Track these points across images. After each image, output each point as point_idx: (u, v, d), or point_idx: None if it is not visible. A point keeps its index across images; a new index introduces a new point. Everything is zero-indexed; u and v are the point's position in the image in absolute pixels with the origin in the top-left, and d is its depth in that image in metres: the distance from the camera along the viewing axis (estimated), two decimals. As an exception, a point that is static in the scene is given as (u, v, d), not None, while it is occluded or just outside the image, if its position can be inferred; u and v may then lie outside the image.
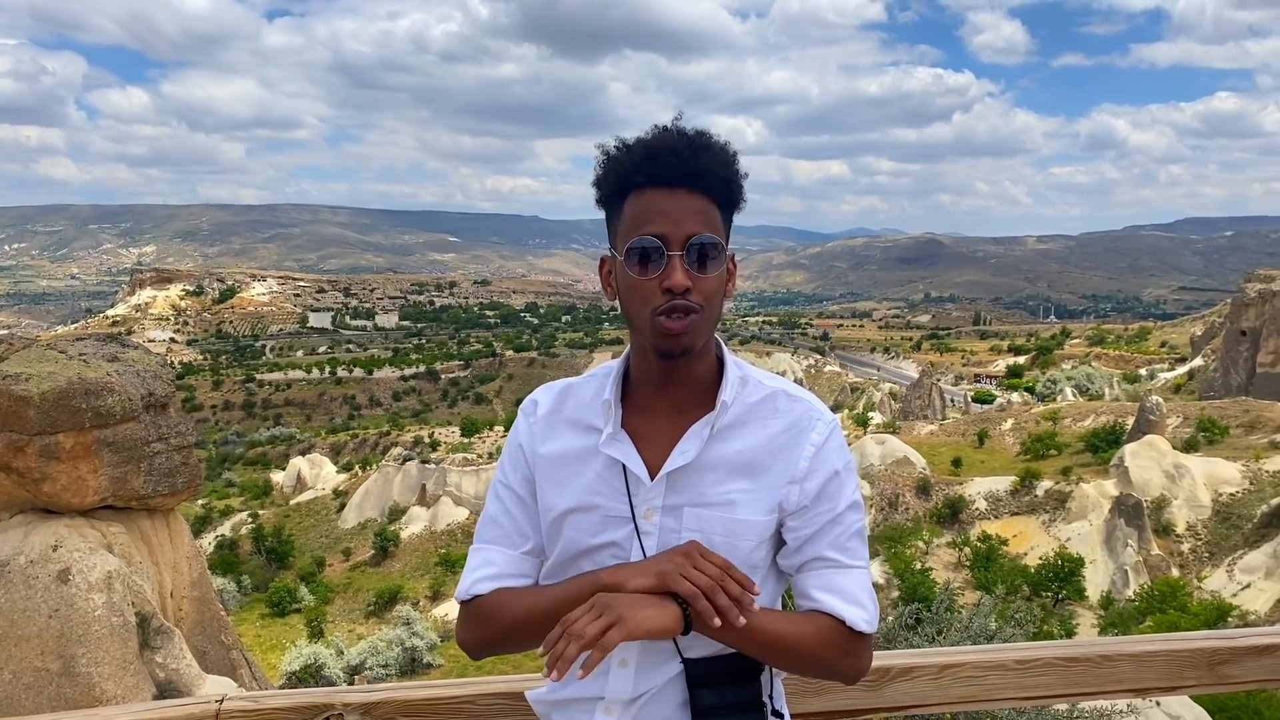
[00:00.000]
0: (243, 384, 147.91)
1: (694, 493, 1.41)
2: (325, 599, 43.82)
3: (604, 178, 1.42)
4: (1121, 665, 1.76)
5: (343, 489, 68.64)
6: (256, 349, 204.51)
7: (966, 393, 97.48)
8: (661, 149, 1.37)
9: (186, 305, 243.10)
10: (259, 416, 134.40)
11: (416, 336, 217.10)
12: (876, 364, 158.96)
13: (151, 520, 18.68)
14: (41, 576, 16.02)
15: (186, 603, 19.41)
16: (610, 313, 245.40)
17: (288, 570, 51.94)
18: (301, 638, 33.06)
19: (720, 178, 1.39)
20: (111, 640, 16.12)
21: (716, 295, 1.39)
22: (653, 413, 1.46)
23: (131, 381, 18.40)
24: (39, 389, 16.70)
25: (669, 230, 1.36)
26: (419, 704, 1.70)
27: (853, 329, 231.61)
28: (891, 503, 46.33)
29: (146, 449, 18.16)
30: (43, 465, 16.66)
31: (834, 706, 1.71)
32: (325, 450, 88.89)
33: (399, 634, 28.95)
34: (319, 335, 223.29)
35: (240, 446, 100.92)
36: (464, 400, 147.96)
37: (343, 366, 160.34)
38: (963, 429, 60.54)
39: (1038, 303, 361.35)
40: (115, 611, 16.34)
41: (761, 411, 1.44)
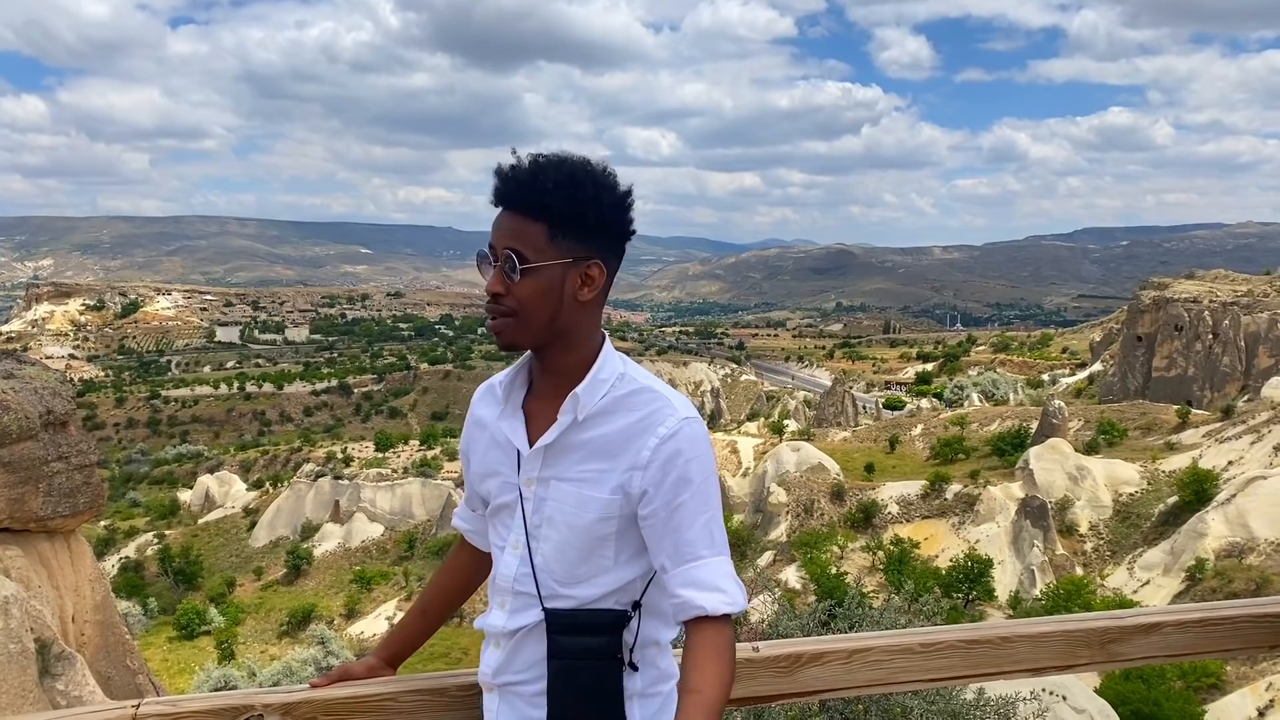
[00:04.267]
0: (147, 400, 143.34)
1: (559, 468, 1.66)
2: (236, 620, 42.67)
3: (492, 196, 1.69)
4: (1020, 646, 1.85)
5: (253, 507, 66.96)
6: (161, 364, 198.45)
7: (878, 399, 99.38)
8: (498, 174, 1.64)
9: (87, 320, 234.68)
10: (165, 434, 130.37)
11: (328, 350, 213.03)
12: (791, 372, 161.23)
13: (51, 543, 17.99)
14: (-68, 604, 15.31)
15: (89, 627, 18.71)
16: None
17: (196, 591, 50.46)
18: (211, 660, 32.17)
19: (534, 202, 1.60)
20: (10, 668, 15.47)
21: (532, 301, 1.61)
22: (541, 397, 1.72)
23: (28, 399, 17.71)
24: (-72, 408, 15.98)
25: (494, 243, 1.64)
26: (340, 703, 1.72)
27: (768, 338, 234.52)
28: (807, 508, 46.96)
29: (45, 469, 17.49)
30: (-67, 488, 15.94)
31: (749, 692, 1.77)
32: (234, 468, 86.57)
33: (313, 653, 28.31)
34: (227, 350, 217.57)
35: (145, 465, 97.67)
36: (378, 414, 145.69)
37: (252, 381, 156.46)
38: (875, 435, 61.70)
39: (944, 311, 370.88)
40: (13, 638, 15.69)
41: (626, 404, 1.64)
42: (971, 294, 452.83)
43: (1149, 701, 19.82)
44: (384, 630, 41.06)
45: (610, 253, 1.67)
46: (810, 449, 52.02)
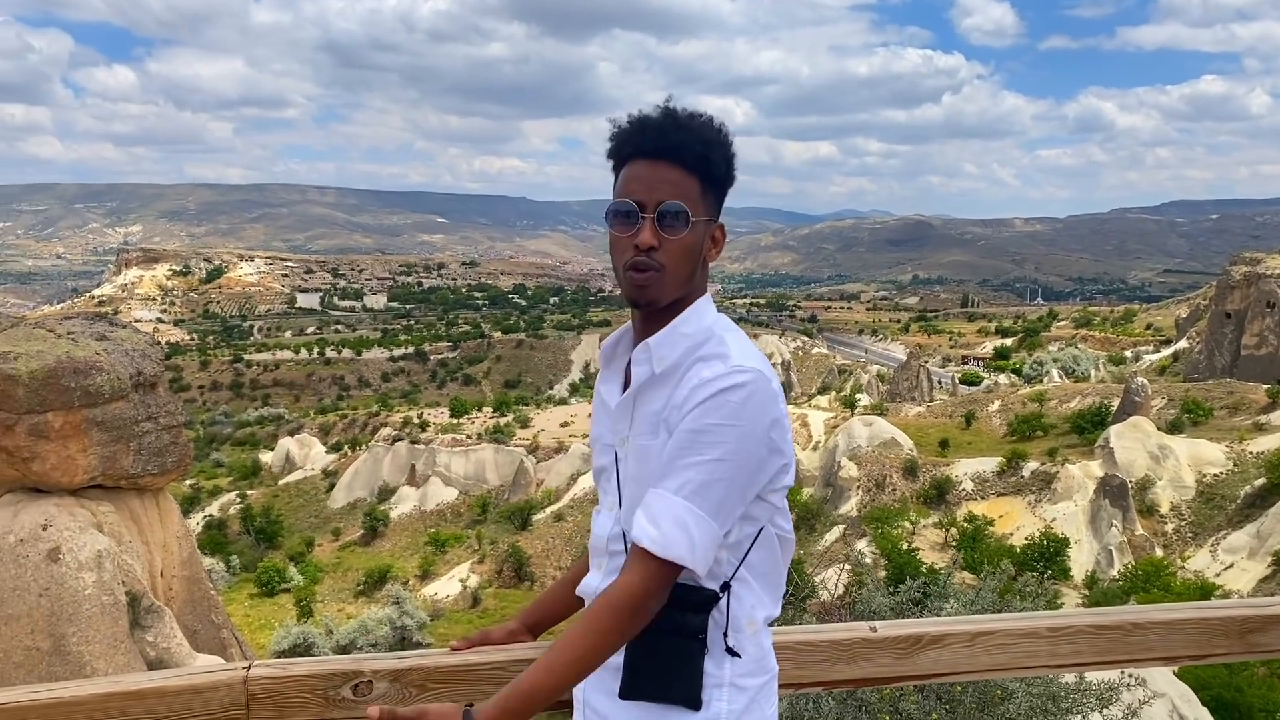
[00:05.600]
0: (230, 364, 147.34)
1: (636, 425, 1.61)
2: (314, 579, 43.80)
3: (609, 149, 1.64)
4: (1153, 633, 1.74)
5: (332, 469, 68.58)
6: (244, 329, 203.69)
7: (954, 374, 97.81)
8: (649, 125, 1.58)
9: (173, 285, 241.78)
10: (247, 397, 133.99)
11: (405, 317, 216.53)
12: (864, 346, 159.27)
13: (141, 500, 18.60)
14: (31, 555, 15.94)
15: (176, 582, 19.34)
16: (598, 295, 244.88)
17: (276, 550, 51.92)
18: (290, 617, 33.04)
19: (696, 153, 1.57)
20: (102, 619, 16.07)
21: (681, 257, 1.58)
22: None
23: (120, 360, 18.28)
24: (27, 368, 16.57)
25: (643, 196, 1.56)
26: (449, 671, 1.69)
27: (840, 311, 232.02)
28: (878, 484, 46.49)
29: (135, 428, 18.06)
30: (32, 444, 16.54)
31: (866, 673, 1.69)
32: (314, 431, 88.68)
33: (389, 613, 28.97)
34: (307, 316, 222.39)
35: (228, 427, 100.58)
36: (452, 381, 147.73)
37: (331, 347, 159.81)
38: (950, 410, 60.76)
39: (1025, 285, 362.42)
40: (105, 590, 16.28)
41: (697, 356, 1.58)
42: (1053, 267, 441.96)
43: (1230, 687, 19.26)
44: (457, 592, 41.81)
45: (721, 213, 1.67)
46: (883, 423, 51.44)
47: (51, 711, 1.48)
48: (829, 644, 1.70)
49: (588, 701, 1.65)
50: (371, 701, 1.63)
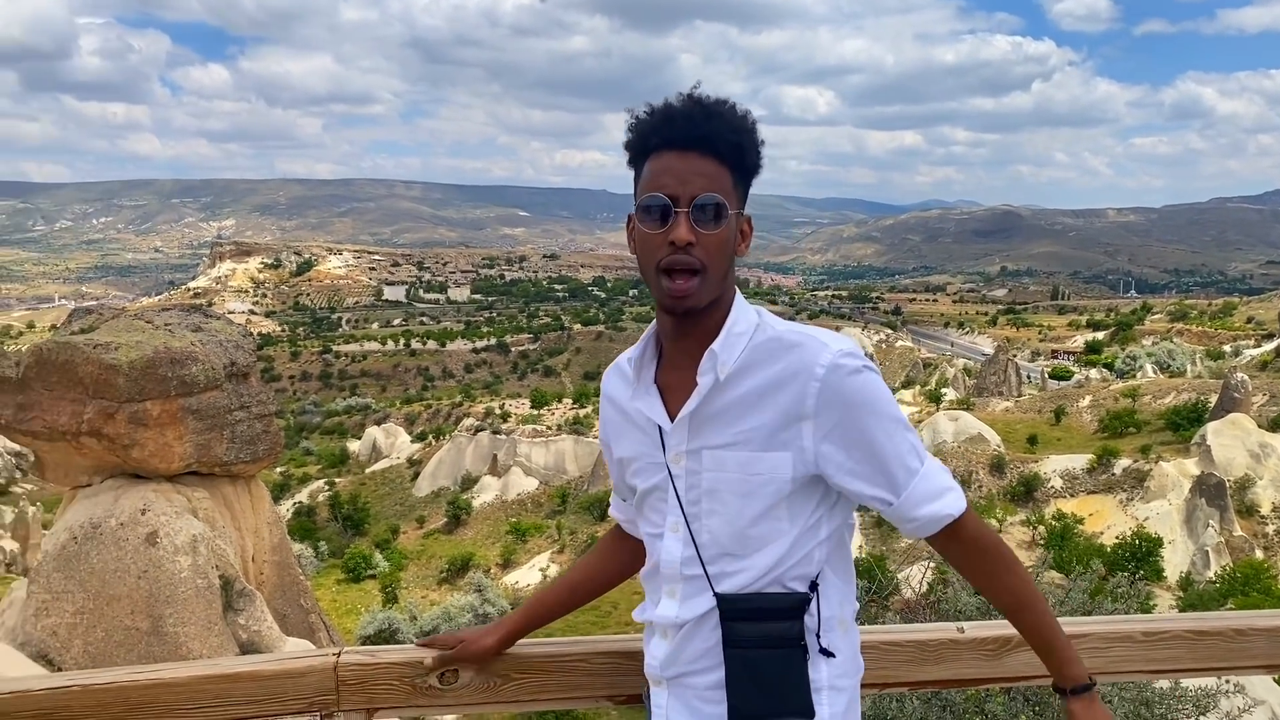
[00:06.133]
0: (320, 355, 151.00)
1: (710, 436, 1.53)
2: (399, 565, 44.66)
3: (629, 140, 1.56)
4: (1255, 640, 1.67)
5: (417, 458, 69.79)
6: (333, 321, 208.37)
7: (1043, 369, 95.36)
8: (676, 114, 1.50)
9: (265, 278, 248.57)
10: (335, 387, 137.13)
11: (487, 310, 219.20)
12: (950, 339, 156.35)
13: (234, 486, 19.16)
14: (131, 539, 16.55)
15: (267, 567, 19.89)
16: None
17: (363, 537, 53.06)
18: (376, 603, 33.75)
19: (730, 142, 1.50)
20: (197, 601, 16.61)
21: (719, 253, 1.50)
22: (676, 365, 1.59)
23: (214, 351, 18.84)
24: (127, 358, 17.19)
25: (677, 189, 1.48)
26: (535, 660, 1.70)
27: (926, 303, 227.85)
28: (964, 480, 45.63)
29: (229, 417, 18.61)
30: (131, 431, 17.16)
31: (952, 674, 1.67)
32: (400, 420, 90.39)
33: (471, 600, 29.38)
34: (393, 308, 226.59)
35: (317, 416, 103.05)
36: (533, 373, 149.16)
37: (416, 339, 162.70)
38: (1039, 406, 59.31)
39: (1118, 277, 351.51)
40: (200, 574, 16.82)
41: (768, 352, 1.52)
42: (1148, 259, 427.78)
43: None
44: (537, 581, 42.26)
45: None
46: (969, 418, 50.46)
47: (152, 692, 1.53)
48: (914, 644, 1.67)
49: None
50: (456, 690, 1.66)
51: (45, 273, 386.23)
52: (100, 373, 16.86)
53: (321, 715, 1.59)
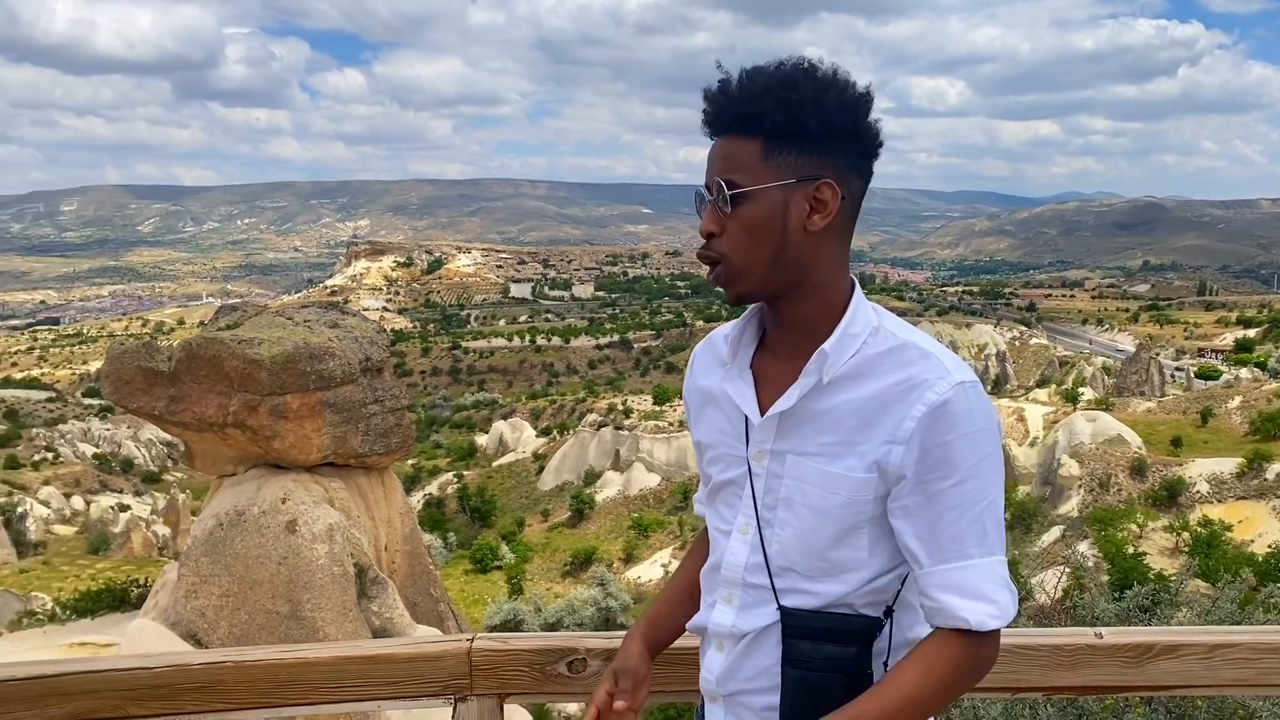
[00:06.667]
0: (449, 351, 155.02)
1: (798, 440, 1.40)
2: (524, 557, 45.53)
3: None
4: None
5: (542, 452, 71.01)
6: (461, 318, 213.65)
7: (1189, 368, 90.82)
8: (705, 98, 1.41)
9: (397, 276, 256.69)
10: (464, 382, 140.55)
11: (611, 306, 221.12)
12: (1088, 336, 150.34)
13: (368, 477, 19.85)
14: (272, 526, 17.31)
15: (399, 556, 20.54)
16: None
17: (490, 529, 54.30)
18: (502, 594, 34.51)
19: (741, 114, 1.36)
20: (333, 588, 17.26)
21: (750, 235, 1.37)
22: (775, 354, 1.47)
23: (351, 347, 19.54)
24: (269, 353, 17.98)
25: (707, 179, 1.41)
26: (664, 654, 1.72)
27: (1062, 299, 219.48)
28: (1102, 483, 43.92)
29: (364, 410, 19.27)
30: (273, 424, 17.94)
31: (1089, 681, 1.61)
32: (525, 415, 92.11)
33: (594, 594, 29.71)
34: (520, 305, 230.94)
35: (447, 410, 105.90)
36: (655, 369, 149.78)
37: (542, 335, 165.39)
38: (1184, 407, 56.53)
39: (1272, 271, 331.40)
40: (336, 561, 17.48)
41: (884, 363, 1.37)
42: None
43: None
44: (659, 576, 42.47)
45: (847, 169, 1.38)
46: (1108, 419, 48.49)
47: (298, 670, 1.62)
48: (1050, 648, 1.61)
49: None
50: (585, 679, 1.69)
51: (194, 271, 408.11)
52: (244, 367, 17.70)
53: (455, 699, 1.65)
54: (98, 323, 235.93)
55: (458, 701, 1.65)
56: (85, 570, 42.21)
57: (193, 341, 19.66)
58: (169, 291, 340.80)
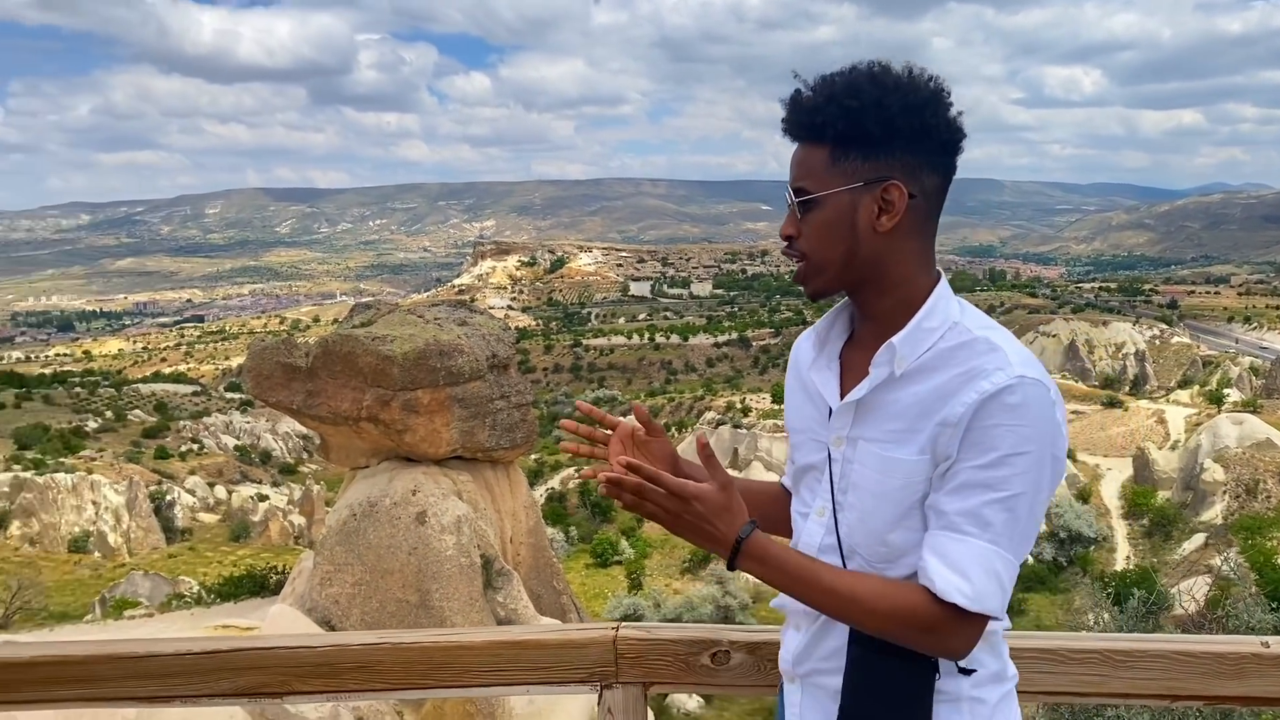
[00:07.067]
0: (570, 348, 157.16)
1: (867, 427, 1.47)
2: (644, 553, 45.83)
3: None
4: None
5: (661, 450, 71.26)
6: (583, 316, 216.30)
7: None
8: (783, 106, 1.51)
9: (521, 275, 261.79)
10: (585, 379, 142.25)
11: (729, 304, 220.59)
12: (1234, 335, 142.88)
13: (494, 471, 20.30)
14: (403, 517, 17.88)
15: (524, 549, 20.94)
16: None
17: (610, 524, 54.79)
18: (622, 588, 34.80)
19: (807, 123, 1.46)
20: (460, 578, 17.72)
21: (821, 238, 1.47)
22: (861, 345, 1.54)
23: (478, 344, 20.02)
24: (401, 349, 18.58)
25: (791, 184, 1.51)
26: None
27: (1206, 296, 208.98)
28: (1249, 489, 41.63)
29: (491, 405, 19.73)
30: (404, 418, 18.54)
31: (1257, 692, 1.54)
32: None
33: (712, 591, 29.71)
34: (639, 303, 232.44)
35: (568, 406, 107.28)
36: (774, 368, 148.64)
37: (660, 333, 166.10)
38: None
39: None
40: (464, 552, 17.93)
41: (955, 356, 1.42)
42: None
43: None
44: (779, 577, 42.14)
45: (919, 168, 1.44)
46: (1257, 422, 45.95)
47: (452, 653, 1.68)
48: (1211, 656, 1.55)
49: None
50: (729, 671, 1.71)
51: (329, 271, 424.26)
52: (378, 363, 18.33)
53: (600, 685, 1.69)
54: (239, 320, 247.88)
55: (603, 689, 1.69)
56: (227, 556, 44.39)
57: (329, 338, 20.41)
58: (305, 290, 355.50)
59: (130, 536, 48.43)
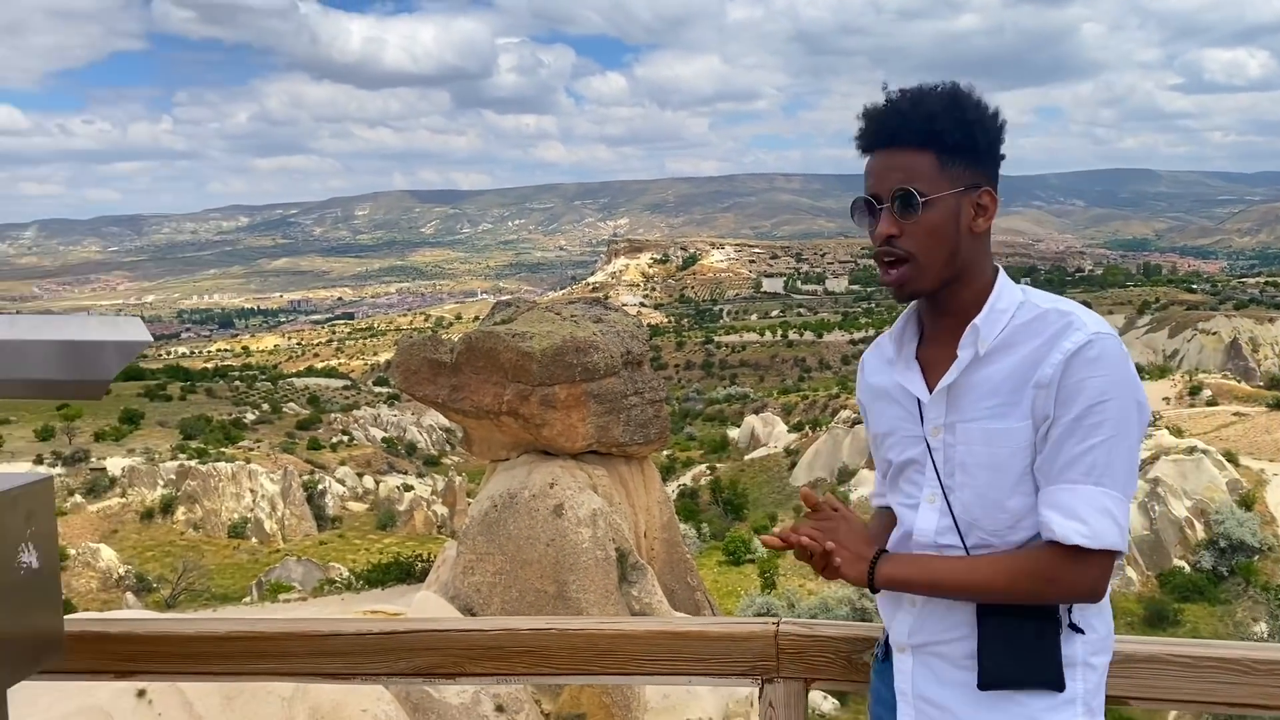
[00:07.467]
0: (702, 345, 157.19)
1: (964, 410, 1.59)
2: (777, 552, 45.45)
3: (857, 147, 1.69)
4: None
5: (794, 448, 70.58)
6: (714, 312, 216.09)
7: None
8: (870, 117, 1.63)
9: (654, 272, 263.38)
10: (716, 376, 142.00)
11: (866, 301, 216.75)
12: None
13: (628, 466, 20.52)
14: (540, 509, 18.25)
15: (657, 544, 21.09)
16: (1075, 274, 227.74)
17: (742, 522, 54.55)
18: (754, 587, 34.62)
19: (923, 130, 1.57)
20: (596, 571, 17.98)
21: (928, 237, 1.58)
22: (936, 342, 1.67)
23: (613, 341, 20.26)
24: (540, 346, 18.96)
25: (877, 188, 1.61)
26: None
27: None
28: None
29: (625, 401, 19.95)
30: (542, 412, 18.93)
31: None
32: (777, 410, 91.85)
33: (848, 593, 29.28)
34: (771, 299, 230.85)
35: (700, 403, 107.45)
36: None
37: (794, 330, 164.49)
38: None
39: None
40: (599, 545, 18.19)
41: (1030, 329, 1.57)
42: None
43: None
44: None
45: (995, 179, 1.64)
46: None
47: (616, 641, 1.73)
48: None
49: (921, 695, 1.64)
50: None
51: (470, 270, 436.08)
52: (517, 359, 18.77)
53: (762, 680, 1.71)
54: (386, 318, 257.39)
55: (764, 683, 1.71)
56: (374, 544, 46.15)
57: (472, 335, 20.96)
58: (448, 289, 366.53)
59: (284, 523, 50.92)
